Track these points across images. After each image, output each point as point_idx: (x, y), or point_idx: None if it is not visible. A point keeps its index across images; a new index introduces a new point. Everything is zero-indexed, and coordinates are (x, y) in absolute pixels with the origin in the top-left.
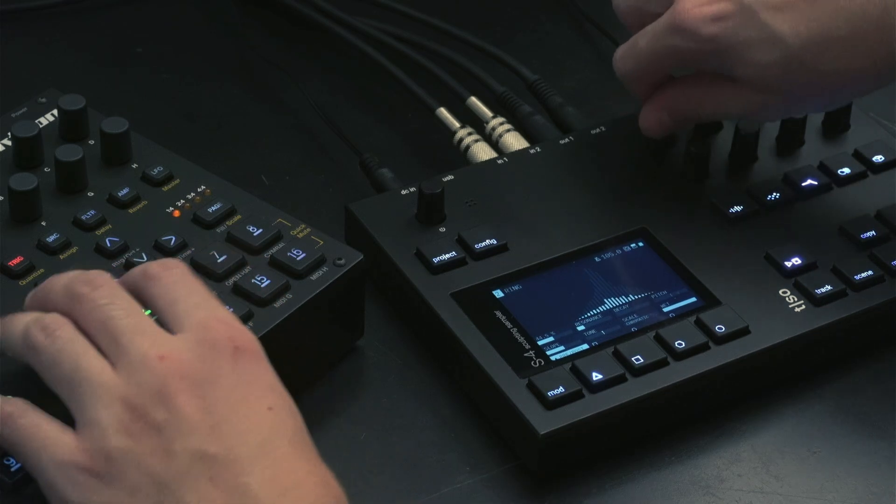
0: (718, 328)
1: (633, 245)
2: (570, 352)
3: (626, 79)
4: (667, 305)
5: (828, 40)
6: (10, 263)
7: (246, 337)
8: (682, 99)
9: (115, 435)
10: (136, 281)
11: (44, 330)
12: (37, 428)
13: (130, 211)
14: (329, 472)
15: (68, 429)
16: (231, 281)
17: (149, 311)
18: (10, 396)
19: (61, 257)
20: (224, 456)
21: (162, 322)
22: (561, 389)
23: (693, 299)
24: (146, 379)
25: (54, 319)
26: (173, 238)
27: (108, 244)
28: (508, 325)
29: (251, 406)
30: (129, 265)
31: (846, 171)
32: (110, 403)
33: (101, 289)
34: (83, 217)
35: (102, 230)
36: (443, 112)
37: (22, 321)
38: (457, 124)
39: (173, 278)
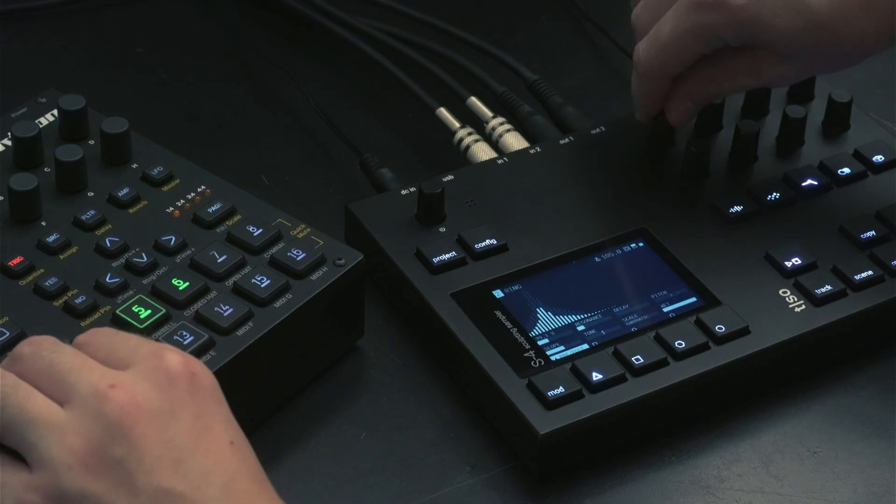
0: (718, 328)
1: (633, 245)
2: (570, 352)
3: (651, 69)
4: (667, 305)
5: (847, 5)
6: (10, 263)
7: (200, 367)
8: (700, 83)
9: (69, 473)
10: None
11: None
12: None
13: (130, 211)
14: None
15: (25, 467)
16: (231, 281)
17: None
18: None
19: (61, 257)
20: (190, 496)
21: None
22: (561, 389)
23: (693, 299)
24: (99, 411)
25: None
26: (173, 238)
27: (108, 244)
28: (508, 325)
29: (213, 440)
30: (129, 265)
31: (846, 171)
32: (61, 441)
33: (42, 343)
34: (83, 217)
35: (102, 230)
36: (443, 112)
37: None
38: (457, 124)
39: (105, 336)
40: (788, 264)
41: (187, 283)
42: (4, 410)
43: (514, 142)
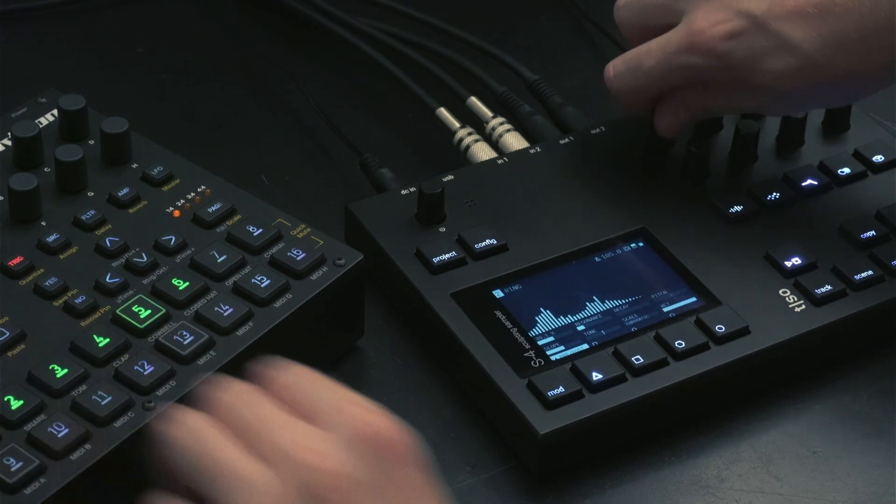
0: (718, 328)
1: (633, 245)
2: (570, 352)
3: (628, 96)
4: (667, 305)
5: (840, 43)
6: (10, 263)
7: (409, 439)
8: (696, 98)
9: None
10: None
11: (178, 424)
12: None
13: (130, 211)
14: None
15: None
16: (231, 281)
17: None
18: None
19: (61, 257)
20: None
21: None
22: (561, 389)
23: (693, 299)
24: (299, 475)
25: (189, 415)
26: (173, 238)
27: (108, 244)
28: (508, 325)
29: None
30: (129, 265)
31: (846, 171)
32: (260, 499)
33: (242, 396)
34: (83, 217)
35: (102, 230)
36: (443, 112)
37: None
38: (457, 124)
39: (309, 385)
40: (788, 264)
41: (187, 283)
42: (200, 457)
43: (514, 142)
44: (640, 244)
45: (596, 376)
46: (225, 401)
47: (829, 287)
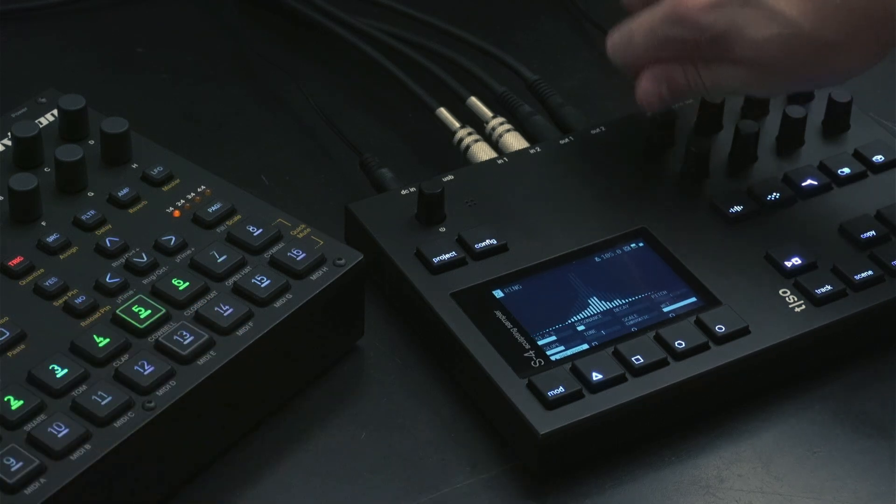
0: (718, 328)
1: (633, 245)
2: (570, 352)
3: (622, 68)
4: (667, 305)
5: (825, 12)
6: (10, 263)
7: None
8: (679, 72)
9: None
10: None
11: None
12: None
13: (130, 211)
14: None
15: None
16: (231, 281)
17: None
18: None
19: (61, 257)
20: None
21: None
22: (561, 389)
23: (693, 299)
24: None
25: None
26: (173, 238)
27: (108, 244)
28: (508, 325)
29: None
30: (129, 265)
31: (846, 171)
32: None
33: None
34: (83, 217)
35: (102, 230)
36: (443, 112)
37: None
38: (457, 124)
39: None
40: (788, 264)
41: (187, 283)
42: None
43: (514, 142)
44: (640, 244)
45: (596, 376)
46: None
47: (829, 287)
